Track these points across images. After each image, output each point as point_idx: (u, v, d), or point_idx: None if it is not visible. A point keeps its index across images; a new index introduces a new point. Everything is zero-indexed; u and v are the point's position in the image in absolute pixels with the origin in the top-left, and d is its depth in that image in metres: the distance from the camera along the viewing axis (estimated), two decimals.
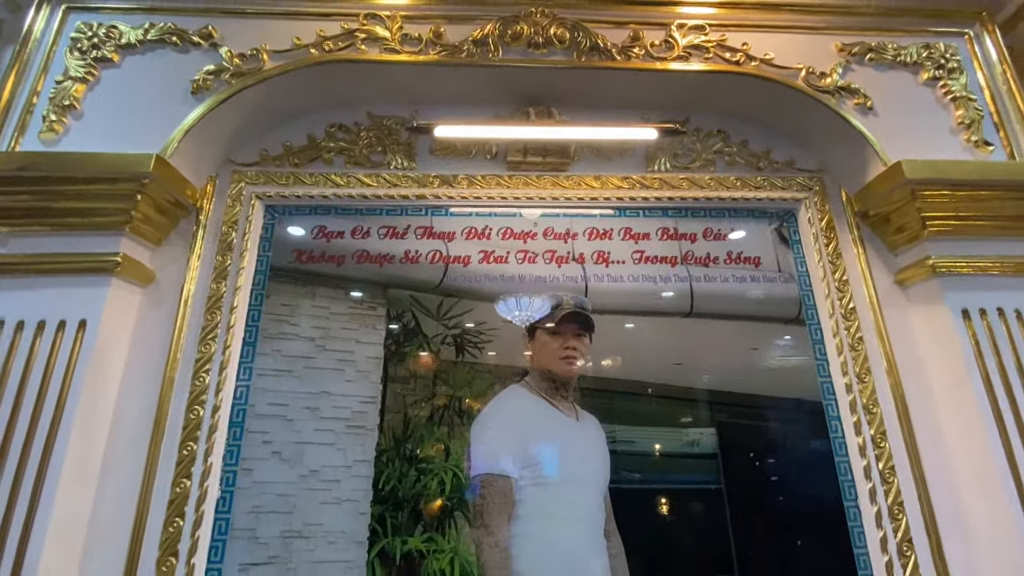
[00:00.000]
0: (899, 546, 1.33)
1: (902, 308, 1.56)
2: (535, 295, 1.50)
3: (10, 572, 1.11)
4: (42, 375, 1.25)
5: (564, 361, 1.45)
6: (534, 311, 1.45)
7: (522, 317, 1.42)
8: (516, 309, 1.47)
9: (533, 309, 1.46)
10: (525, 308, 1.47)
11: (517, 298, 1.42)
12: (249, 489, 1.29)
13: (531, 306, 1.46)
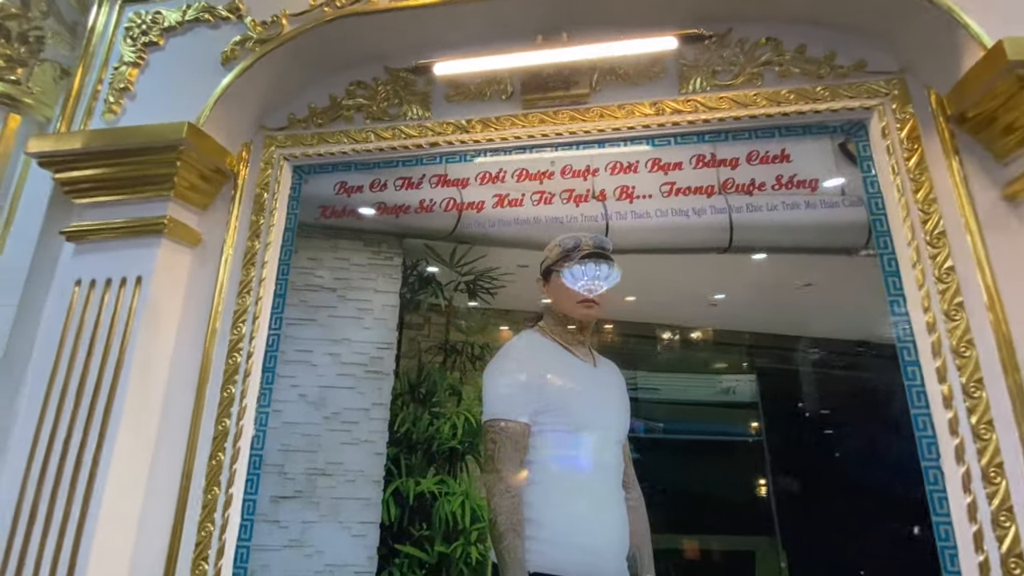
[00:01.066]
0: (995, 515, 1.04)
1: (1012, 229, 1.20)
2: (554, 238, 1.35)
3: (83, 491, 1.23)
4: (109, 325, 1.37)
5: (582, 305, 1.30)
6: (599, 277, 1.31)
7: (587, 285, 1.28)
8: (583, 276, 1.33)
9: (599, 275, 1.31)
10: (591, 273, 1.33)
11: (583, 266, 1.28)
12: (279, 429, 1.32)
13: (597, 271, 1.31)
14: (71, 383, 1.34)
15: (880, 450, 1.13)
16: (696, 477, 1.18)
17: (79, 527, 1.23)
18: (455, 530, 1.19)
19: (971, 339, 1.16)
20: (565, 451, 1.21)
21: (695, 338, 1.25)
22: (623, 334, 1.30)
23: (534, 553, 1.13)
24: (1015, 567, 1.03)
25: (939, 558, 1.06)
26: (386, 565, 1.18)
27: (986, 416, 1.11)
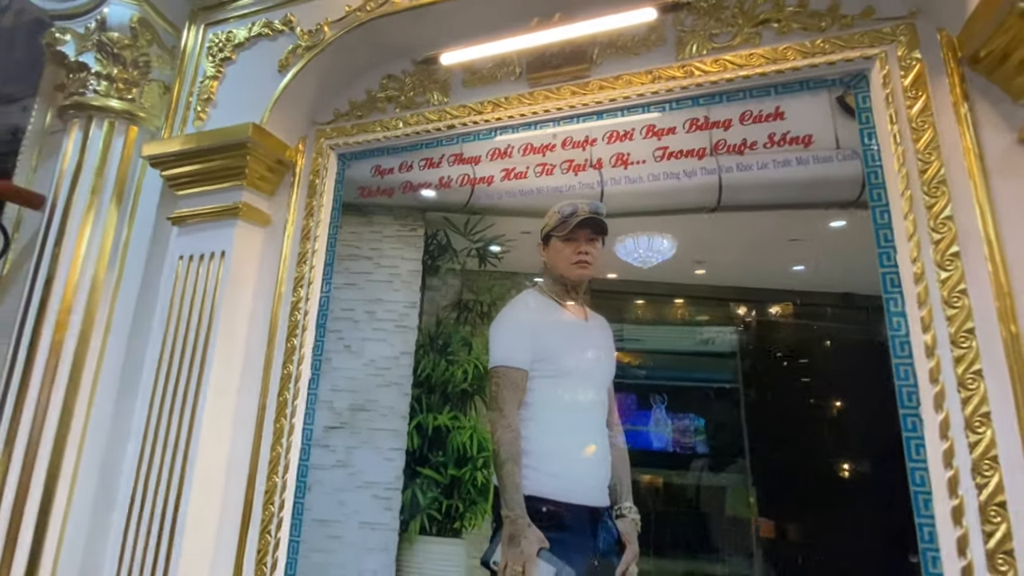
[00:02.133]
0: (976, 463, 1.01)
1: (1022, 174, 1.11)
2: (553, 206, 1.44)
3: (190, 415, 1.54)
4: (203, 291, 1.67)
5: (576, 266, 1.40)
6: (653, 250, 1.39)
7: (641, 258, 1.38)
8: (635, 248, 1.43)
9: (652, 248, 1.40)
10: (644, 247, 1.42)
11: (634, 238, 1.37)
12: (329, 373, 1.55)
13: (650, 245, 1.40)
14: (179, 335, 1.66)
15: (856, 397, 1.13)
16: (671, 418, 1.24)
17: (188, 441, 1.55)
18: (465, 457, 1.35)
19: (964, 288, 1.10)
20: (557, 394, 1.33)
21: (679, 293, 1.29)
22: (612, 291, 1.36)
23: (529, 479, 1.27)
24: (995, 515, 1.00)
25: (912, 502, 1.05)
26: (410, 484, 1.37)
27: (974, 365, 1.07)
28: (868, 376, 1.13)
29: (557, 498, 1.27)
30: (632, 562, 1.21)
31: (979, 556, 0.99)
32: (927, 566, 1.02)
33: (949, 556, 1.01)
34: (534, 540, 1.23)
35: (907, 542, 1.03)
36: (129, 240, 1.90)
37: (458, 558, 1.31)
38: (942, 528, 1.02)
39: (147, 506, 1.54)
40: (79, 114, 1.92)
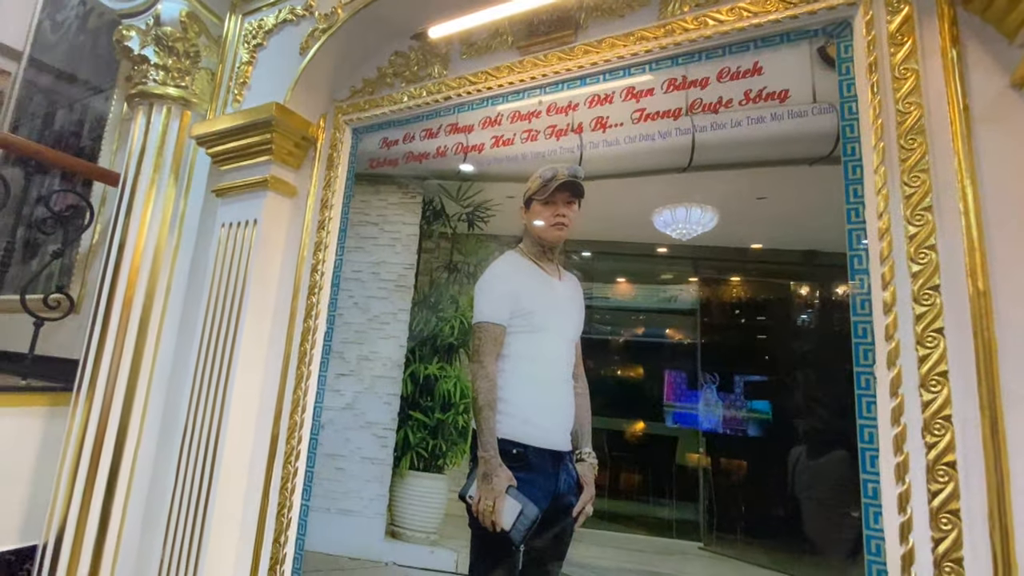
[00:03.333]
0: (928, 421, 1.00)
1: (1014, 121, 1.04)
2: (535, 171, 1.51)
3: (227, 361, 1.79)
4: (240, 253, 1.90)
5: (554, 228, 1.47)
6: (692, 222, 1.46)
7: (682, 231, 1.45)
8: (673, 223, 1.49)
9: (691, 220, 1.46)
10: (682, 219, 1.48)
11: (672, 211, 1.44)
12: (341, 327, 1.74)
13: (688, 217, 1.46)
14: (222, 292, 1.92)
15: (810, 354, 1.13)
16: (635, 374, 1.30)
17: (226, 383, 1.80)
18: (449, 403, 1.49)
19: (933, 244, 1.06)
20: (530, 348, 1.43)
21: (647, 252, 1.33)
22: (582, 251, 1.42)
23: (502, 424, 1.39)
24: (943, 474, 0.99)
25: (859, 458, 1.06)
26: (403, 425, 1.54)
27: (936, 323, 1.04)
28: (826, 334, 1.12)
29: (526, 442, 1.37)
30: (588, 502, 1.30)
31: (921, 513, 0.99)
32: (868, 521, 1.03)
33: (890, 512, 1.01)
34: (504, 478, 1.35)
35: (852, 498, 1.04)
36: (185, 211, 2.18)
37: (440, 491, 1.47)
38: (885, 485, 1.02)
39: (197, 435, 1.83)
40: (143, 101, 2.21)
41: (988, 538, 0.94)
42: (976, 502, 0.95)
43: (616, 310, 1.36)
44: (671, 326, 1.27)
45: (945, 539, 0.96)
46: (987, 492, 0.95)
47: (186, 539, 1.75)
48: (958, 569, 0.94)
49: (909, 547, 0.98)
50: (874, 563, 1.00)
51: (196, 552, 1.72)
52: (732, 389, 1.19)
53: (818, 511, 1.07)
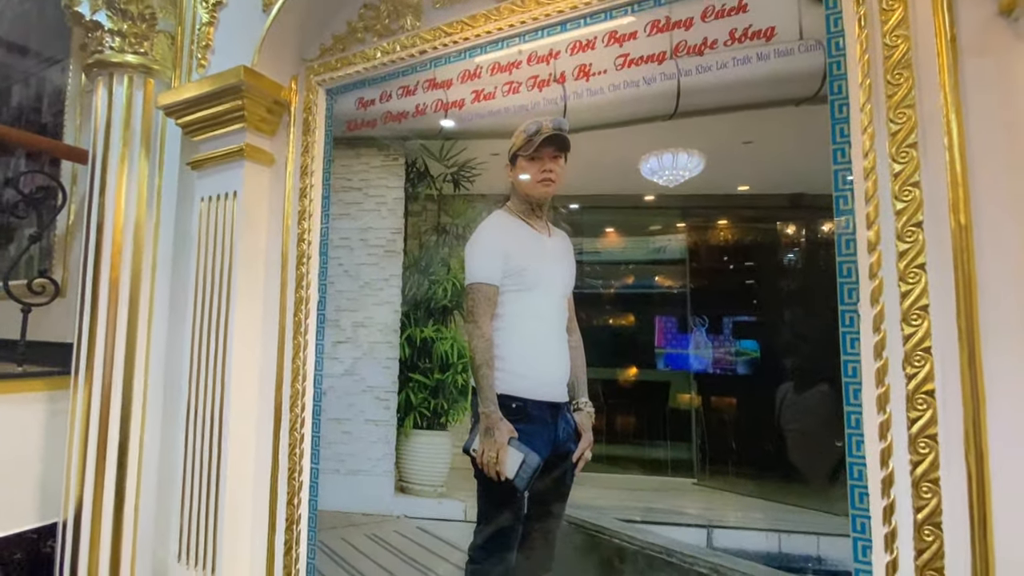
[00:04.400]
0: (908, 354, 1.04)
1: (1001, 49, 1.03)
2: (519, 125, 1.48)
3: (223, 337, 1.80)
4: (223, 227, 1.87)
5: (541, 184, 1.45)
6: (679, 167, 1.42)
7: (669, 177, 1.42)
8: (659, 170, 1.46)
9: (678, 165, 1.42)
10: (669, 165, 1.45)
11: (658, 157, 1.41)
12: (333, 296, 1.74)
13: (675, 163, 1.43)
14: (208, 270, 1.90)
15: (797, 296, 1.15)
16: (626, 323, 1.32)
17: (224, 357, 1.81)
18: (447, 364, 1.52)
19: (917, 180, 1.07)
20: (524, 305, 1.44)
21: (636, 204, 1.33)
22: (571, 206, 1.42)
23: (500, 380, 1.42)
24: (922, 402, 1.04)
25: (843, 392, 1.10)
26: (404, 387, 1.57)
27: (919, 259, 1.06)
28: (812, 274, 1.15)
29: (524, 396, 1.41)
30: (587, 448, 1.35)
31: (901, 440, 1.05)
32: (851, 449, 1.08)
33: (871, 440, 1.07)
34: (505, 431, 1.40)
35: (836, 429, 1.10)
36: (161, 186, 2.12)
37: (444, 447, 1.52)
38: (867, 415, 1.07)
39: (201, 409, 1.86)
40: (101, 71, 2.09)
41: (963, 459, 1.00)
42: (953, 427, 1.01)
43: (606, 263, 1.37)
44: (661, 275, 1.29)
45: (923, 462, 1.02)
46: (963, 417, 1.00)
47: (202, 507, 1.81)
48: (935, 488, 1.00)
49: (889, 471, 1.04)
50: (856, 487, 1.07)
51: (214, 518, 1.78)
52: (721, 330, 1.22)
53: (803, 442, 1.13)
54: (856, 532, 1.06)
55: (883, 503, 1.04)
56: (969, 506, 0.99)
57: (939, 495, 1.01)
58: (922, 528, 1.01)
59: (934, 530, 1.00)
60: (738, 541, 1.14)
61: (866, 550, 1.05)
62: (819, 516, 1.08)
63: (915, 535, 1.02)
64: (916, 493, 1.02)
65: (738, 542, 1.14)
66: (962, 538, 0.99)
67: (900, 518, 1.03)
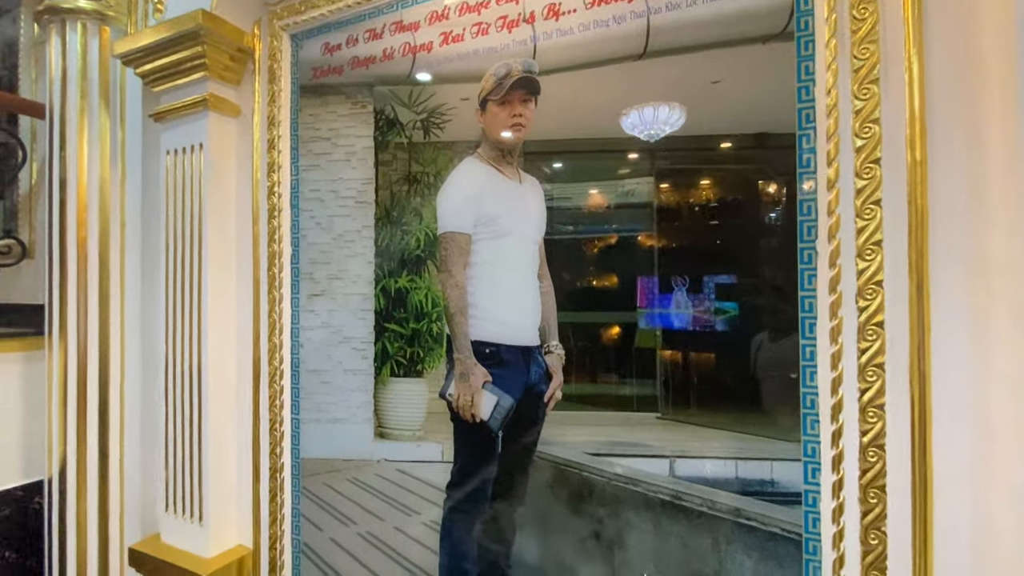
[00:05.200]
0: (861, 288, 1.08)
1: None
2: (488, 68, 1.45)
3: (197, 289, 1.79)
4: (191, 182, 1.83)
5: (511, 129, 1.44)
6: (660, 121, 1.41)
7: (649, 131, 1.40)
8: (640, 124, 1.44)
9: (658, 120, 1.41)
10: (649, 119, 1.43)
11: (639, 111, 1.39)
12: (306, 248, 1.73)
13: (656, 116, 1.41)
14: (178, 224, 1.87)
15: (759, 237, 1.18)
16: (595, 268, 1.35)
17: (199, 312, 1.81)
18: (422, 313, 1.54)
19: (877, 117, 1.08)
20: (497, 253, 1.46)
21: (604, 148, 1.33)
22: (541, 152, 1.41)
23: (474, 327, 1.45)
24: (872, 333, 1.08)
25: (799, 327, 1.15)
26: (380, 337, 1.59)
27: (875, 195, 1.09)
28: (774, 215, 1.17)
29: (498, 341, 1.45)
30: (557, 388, 1.40)
31: (851, 368, 1.10)
32: (804, 380, 1.14)
33: (824, 369, 1.12)
34: (479, 375, 1.44)
35: (791, 361, 1.15)
36: (124, 140, 2.06)
37: (421, 393, 1.56)
38: (821, 347, 1.12)
39: (179, 365, 1.87)
40: (53, 19, 1.99)
41: (908, 386, 1.05)
42: (899, 356, 1.06)
43: (575, 209, 1.38)
44: (629, 219, 1.31)
45: (870, 389, 1.08)
46: (909, 347, 1.05)
47: (187, 459, 1.85)
48: (880, 413, 1.07)
49: (839, 398, 1.10)
50: (808, 415, 1.13)
51: (198, 469, 1.83)
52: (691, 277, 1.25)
53: (760, 377, 1.18)
54: (807, 456, 1.13)
55: (832, 428, 1.11)
56: (911, 428, 1.05)
57: (884, 419, 1.07)
58: (867, 450, 1.08)
59: (878, 451, 1.07)
60: (698, 469, 1.20)
61: (815, 472, 1.12)
62: (773, 443, 1.14)
63: (860, 456, 1.09)
64: (863, 418, 1.08)
65: (698, 470, 1.20)
66: (904, 458, 1.06)
67: (847, 441, 1.10)
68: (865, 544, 1.08)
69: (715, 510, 1.18)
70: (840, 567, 1.10)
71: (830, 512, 1.11)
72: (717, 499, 1.18)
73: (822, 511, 1.12)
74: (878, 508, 1.07)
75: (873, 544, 1.08)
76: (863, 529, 1.08)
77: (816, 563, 1.13)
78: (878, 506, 1.07)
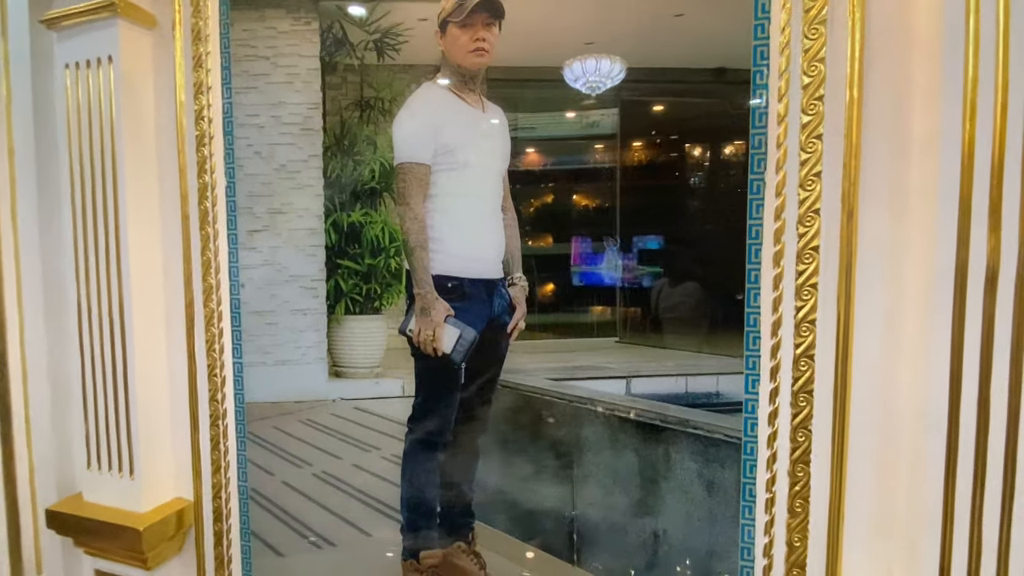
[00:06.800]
0: (801, 216, 1.20)
1: None
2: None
3: (115, 235, 1.62)
4: (98, 103, 1.62)
5: (473, 54, 1.41)
6: (601, 74, 1.37)
7: (591, 83, 1.35)
8: (582, 75, 1.39)
9: (600, 72, 1.36)
10: (591, 71, 1.38)
11: (582, 62, 1.33)
12: (244, 180, 1.62)
13: (598, 69, 1.37)
14: (85, 152, 1.66)
15: (717, 168, 1.27)
16: (560, 198, 1.39)
17: (118, 250, 1.65)
18: (378, 248, 1.51)
19: (823, 57, 1.18)
20: (458, 185, 1.44)
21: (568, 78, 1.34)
22: (507, 79, 1.40)
23: (435, 261, 1.45)
24: (808, 257, 1.21)
25: (746, 252, 1.26)
26: (332, 275, 1.54)
27: (817, 130, 1.19)
28: (729, 147, 1.26)
29: (460, 275, 1.46)
30: (520, 319, 1.45)
31: (790, 288, 1.24)
32: (749, 300, 1.26)
33: (766, 292, 1.25)
34: (441, 310, 1.45)
35: (737, 286, 1.27)
36: (8, 52, 1.78)
37: (379, 330, 1.55)
38: (764, 269, 1.25)
39: (96, 311, 1.70)
40: None
41: (836, 303, 1.20)
42: (830, 276, 1.21)
43: (537, 140, 1.40)
44: (592, 150, 1.35)
45: (804, 306, 1.22)
46: (838, 268, 1.19)
47: (111, 412, 1.72)
48: (811, 327, 1.22)
49: (778, 315, 1.24)
50: (751, 332, 1.26)
51: (126, 422, 1.71)
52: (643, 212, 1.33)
53: (708, 299, 1.29)
54: (748, 369, 1.27)
55: (771, 342, 1.25)
56: (836, 341, 1.21)
57: (814, 333, 1.22)
58: (799, 360, 1.23)
59: (808, 361, 1.23)
60: (652, 387, 1.31)
61: (755, 383, 1.27)
62: (718, 359, 1.27)
63: (793, 367, 1.24)
64: (797, 332, 1.23)
65: (652, 388, 1.31)
66: (828, 366, 1.22)
67: (783, 353, 1.24)
68: (793, 441, 1.25)
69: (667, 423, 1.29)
70: (773, 463, 1.27)
71: (766, 416, 1.27)
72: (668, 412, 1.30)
73: (759, 416, 1.27)
74: (806, 410, 1.24)
75: (800, 441, 1.25)
76: (792, 429, 1.25)
77: (752, 461, 1.29)
78: (806, 408, 1.24)
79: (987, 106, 1.02)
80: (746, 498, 1.29)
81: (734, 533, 1.27)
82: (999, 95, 1.01)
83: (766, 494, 1.27)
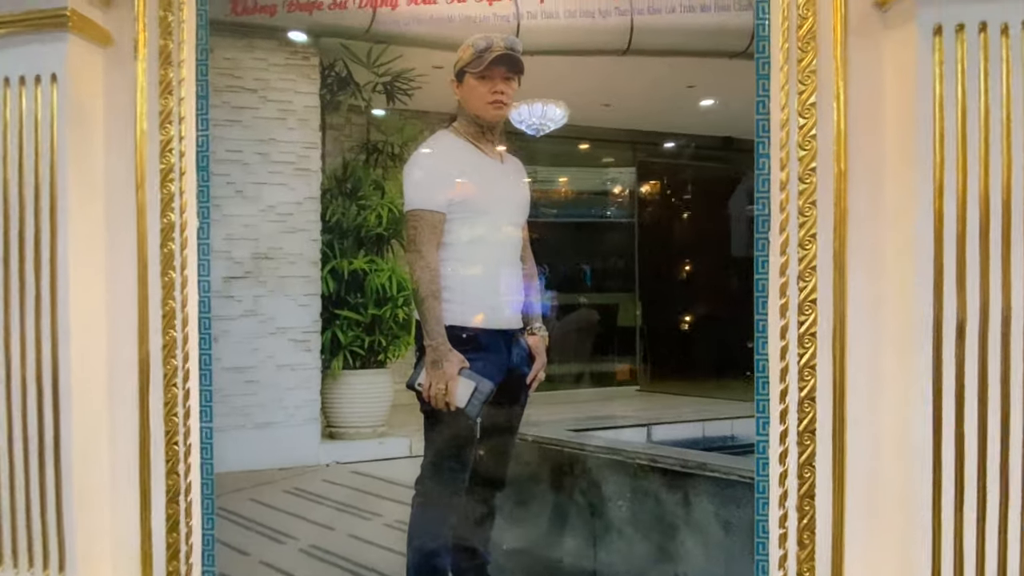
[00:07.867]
0: (802, 272, 1.35)
1: (874, 35, 1.33)
2: (466, 39, 1.40)
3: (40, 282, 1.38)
4: (32, 122, 1.39)
5: (492, 106, 1.42)
6: (547, 118, 1.37)
7: (535, 124, 1.35)
8: (529, 116, 1.39)
9: (546, 116, 1.37)
10: (538, 115, 1.39)
11: (529, 105, 1.33)
12: (221, 221, 1.47)
13: (544, 113, 1.37)
14: (16, 181, 1.41)
15: (727, 226, 1.39)
16: (579, 251, 1.43)
17: (53, 305, 1.40)
18: (385, 297, 1.44)
19: (815, 134, 1.36)
20: (474, 234, 1.43)
21: (587, 136, 1.40)
22: (526, 133, 1.44)
23: (449, 311, 1.41)
24: (808, 309, 1.36)
25: (755, 303, 1.38)
26: (328, 326, 1.43)
27: (812, 196, 1.36)
28: (737, 208, 1.39)
29: (475, 326, 1.44)
30: (540, 370, 1.46)
31: (793, 338, 1.38)
32: (758, 348, 1.39)
33: (774, 340, 1.38)
34: (455, 362, 1.41)
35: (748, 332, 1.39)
36: None
37: (384, 384, 1.47)
38: (772, 320, 1.39)
39: (18, 374, 1.42)
40: None
41: (831, 351, 1.37)
42: (826, 328, 1.37)
43: (563, 192, 1.44)
44: (610, 204, 1.42)
45: (806, 353, 1.37)
46: (832, 320, 1.36)
47: (36, 497, 1.43)
48: (813, 372, 1.37)
49: (785, 363, 1.37)
50: (760, 378, 1.38)
51: (55, 507, 1.43)
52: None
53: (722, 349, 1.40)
54: (759, 412, 1.39)
55: (780, 387, 1.38)
56: (832, 384, 1.37)
57: (816, 377, 1.37)
58: (803, 403, 1.37)
59: (811, 403, 1.37)
60: (670, 434, 1.38)
61: (765, 425, 1.39)
62: (733, 404, 1.37)
63: (798, 408, 1.37)
64: (800, 377, 1.37)
65: (670, 435, 1.38)
66: (827, 406, 1.37)
67: (790, 397, 1.38)
68: (800, 478, 1.38)
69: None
70: (784, 500, 1.38)
71: (777, 456, 1.38)
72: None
73: (771, 456, 1.39)
74: (810, 448, 1.37)
75: (806, 478, 1.38)
76: (799, 466, 1.38)
77: (764, 499, 1.39)
78: (810, 447, 1.37)
79: (952, 183, 1.23)
80: (760, 534, 1.38)
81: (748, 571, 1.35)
82: (960, 174, 1.24)
83: (779, 529, 1.38)
